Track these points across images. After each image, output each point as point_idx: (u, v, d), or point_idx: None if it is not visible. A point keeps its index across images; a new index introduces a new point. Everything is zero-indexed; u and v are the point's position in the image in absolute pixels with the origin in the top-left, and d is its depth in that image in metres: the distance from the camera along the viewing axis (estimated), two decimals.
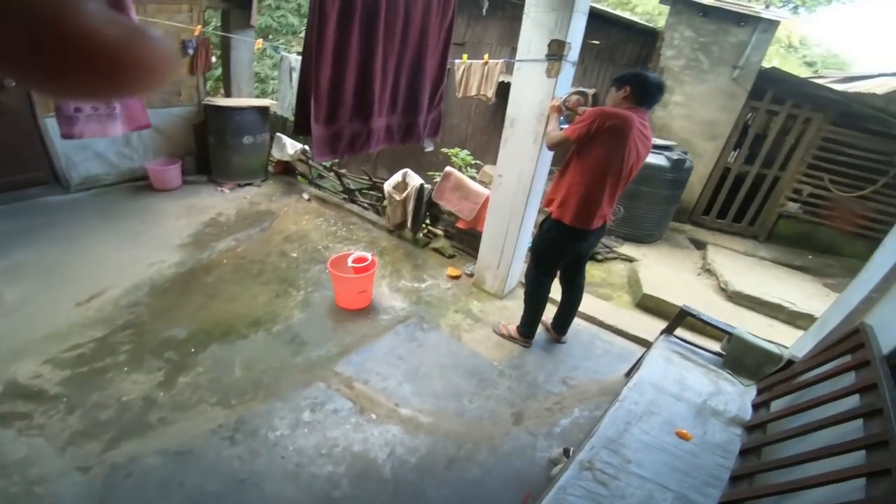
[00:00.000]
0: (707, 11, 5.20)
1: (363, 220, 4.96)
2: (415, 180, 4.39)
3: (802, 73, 11.76)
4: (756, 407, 2.38)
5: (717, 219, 5.90)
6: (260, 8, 8.75)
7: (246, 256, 4.09)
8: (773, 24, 5.16)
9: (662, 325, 3.71)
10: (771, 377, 2.54)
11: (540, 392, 2.96)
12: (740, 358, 2.65)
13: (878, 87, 5.67)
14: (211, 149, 5.44)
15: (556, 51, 3.09)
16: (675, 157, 4.89)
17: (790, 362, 2.53)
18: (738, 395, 2.47)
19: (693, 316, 2.79)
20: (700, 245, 5.40)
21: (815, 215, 5.56)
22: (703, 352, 2.81)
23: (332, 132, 2.88)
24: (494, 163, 3.74)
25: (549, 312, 3.37)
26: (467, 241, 4.36)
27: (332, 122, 2.85)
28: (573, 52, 3.18)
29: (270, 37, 9.68)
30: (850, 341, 2.19)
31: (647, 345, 3.33)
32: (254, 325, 3.22)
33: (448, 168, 4.35)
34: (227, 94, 6.01)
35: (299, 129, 2.79)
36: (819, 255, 5.48)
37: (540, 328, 3.36)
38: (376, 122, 3.07)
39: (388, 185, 4.53)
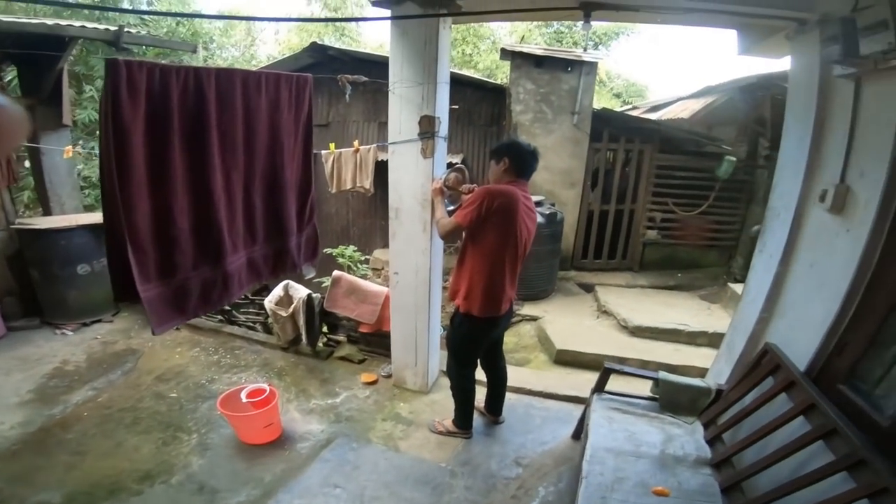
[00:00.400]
0: (540, 62, 5.81)
1: (249, 342, 4.47)
2: (299, 292, 4.07)
3: (614, 104, 13.65)
4: (711, 443, 2.49)
5: (594, 260, 6.43)
6: (79, 100, 7.52)
7: (112, 405, 3.46)
8: (593, 66, 5.93)
9: (584, 375, 3.92)
10: (709, 410, 2.69)
11: (498, 481, 2.81)
12: (674, 399, 2.78)
13: (682, 111, 6.80)
14: (36, 285, 4.52)
15: (427, 128, 3.10)
16: (548, 212, 5.23)
17: (719, 392, 2.70)
18: (688, 435, 2.57)
19: (617, 371, 2.88)
20: (589, 288, 5.82)
21: (671, 237, 6.35)
22: (638, 400, 2.89)
23: (172, 290, 2.13)
24: (384, 246, 3.63)
25: (480, 394, 3.27)
26: (375, 341, 4.10)
27: (169, 275, 2.12)
28: (443, 127, 3.22)
29: (98, 132, 8.62)
30: (766, 363, 2.42)
31: (579, 401, 3.39)
32: (145, 479, 2.77)
33: (336, 273, 4.13)
34: (46, 212, 5.06)
35: (122, 296, 1.98)
36: (685, 272, 6.24)
37: (475, 414, 3.24)
38: (232, 260, 2.39)
39: (268, 303, 4.14)
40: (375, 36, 15.48)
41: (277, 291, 4.15)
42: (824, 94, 2.32)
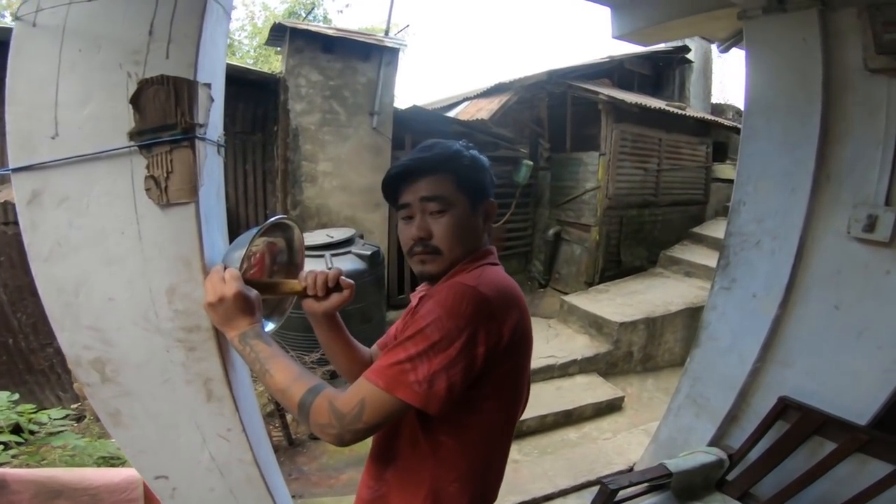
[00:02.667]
0: (330, 45, 4.69)
1: None
2: None
3: None
4: None
5: (411, 292, 5.59)
6: None
7: None
8: (395, 55, 5.10)
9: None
10: (735, 482, 2.32)
11: None
12: (690, 484, 2.39)
13: (478, 111, 6.55)
14: None
15: (168, 116, 1.04)
16: (369, 253, 4.11)
17: (730, 457, 2.36)
18: None
19: (626, 487, 2.24)
20: None
21: None
22: (647, 499, 2.38)
23: None
24: None
25: None
26: None
27: None
28: (217, 115, 1.20)
29: None
30: (804, 421, 2.12)
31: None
32: None
33: None
34: None
35: None
36: None
37: None
38: None
39: None
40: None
41: None
42: (833, 91, 2.04)
